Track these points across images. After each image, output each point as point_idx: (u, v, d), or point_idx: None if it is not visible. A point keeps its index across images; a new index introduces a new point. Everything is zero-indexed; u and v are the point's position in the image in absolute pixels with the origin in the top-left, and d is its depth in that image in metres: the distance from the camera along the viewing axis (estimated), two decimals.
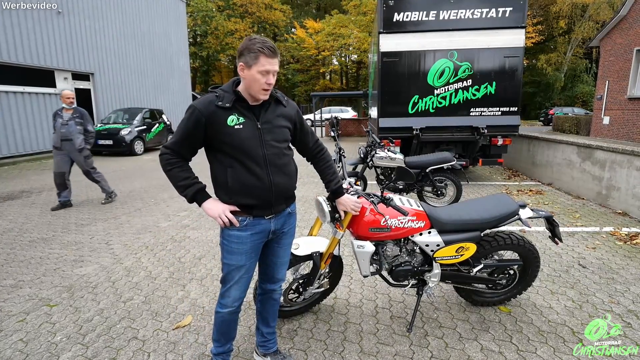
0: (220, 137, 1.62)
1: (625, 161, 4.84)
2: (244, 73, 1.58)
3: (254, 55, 1.54)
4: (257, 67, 1.55)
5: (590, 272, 3.28)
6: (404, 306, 2.80)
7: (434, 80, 6.30)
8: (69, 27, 12.26)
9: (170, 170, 1.69)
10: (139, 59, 15.86)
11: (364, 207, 2.22)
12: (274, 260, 1.95)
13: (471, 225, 2.34)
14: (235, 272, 1.78)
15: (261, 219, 1.76)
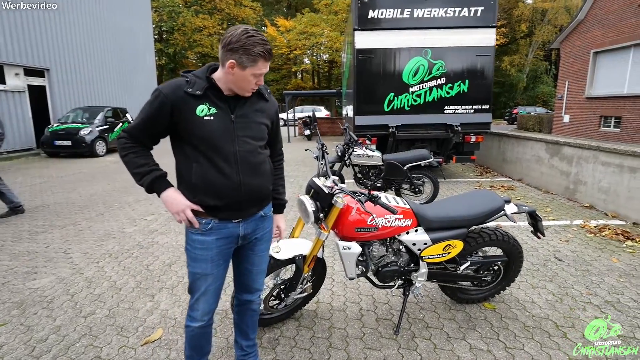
0: (187, 126, 1.47)
1: (591, 156, 5.03)
2: (234, 71, 1.42)
3: (253, 59, 1.40)
4: (253, 70, 1.42)
5: (566, 265, 3.34)
6: (389, 307, 2.71)
7: (409, 78, 6.31)
8: (21, 18, 11.35)
9: (126, 155, 1.52)
10: (101, 54, 14.99)
11: (350, 207, 2.10)
12: (248, 269, 1.77)
13: (458, 222, 2.28)
14: (202, 282, 1.60)
15: (228, 222, 1.58)
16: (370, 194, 1.90)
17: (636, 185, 4.33)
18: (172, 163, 1.59)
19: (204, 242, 1.56)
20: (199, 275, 1.59)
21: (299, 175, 7.66)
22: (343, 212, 2.09)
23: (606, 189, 4.77)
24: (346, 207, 2.09)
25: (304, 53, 31.38)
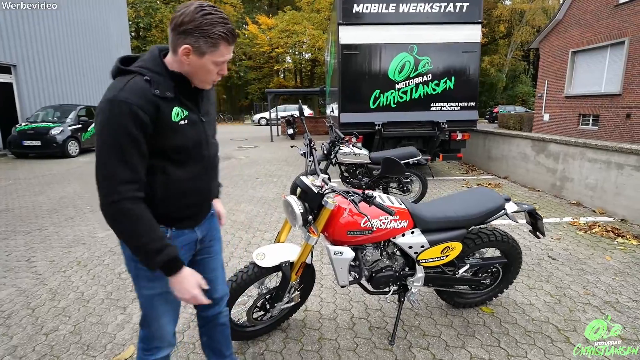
0: (161, 137, 1.18)
1: (577, 153, 5.02)
2: (189, 59, 1.16)
3: (213, 42, 1.15)
4: (214, 57, 1.18)
5: (560, 264, 3.25)
6: (382, 314, 2.54)
7: (394, 75, 6.18)
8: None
9: (140, 219, 1.13)
10: (73, 51, 14.29)
11: (342, 208, 1.91)
12: (209, 278, 1.53)
13: (457, 223, 2.12)
14: (163, 303, 1.35)
15: (185, 229, 1.37)
16: (365, 193, 1.72)
17: (623, 181, 4.32)
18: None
19: None
20: (160, 297, 1.33)
21: (282, 175, 7.44)
22: (334, 213, 1.90)
23: (593, 185, 4.76)
24: (337, 208, 1.91)
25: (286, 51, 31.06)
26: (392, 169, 1.63)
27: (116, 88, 1.10)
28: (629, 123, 10.78)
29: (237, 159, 9.85)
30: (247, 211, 4.95)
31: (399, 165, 1.56)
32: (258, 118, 25.31)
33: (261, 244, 3.80)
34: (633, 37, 10.46)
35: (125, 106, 1.07)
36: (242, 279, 1.91)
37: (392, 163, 1.57)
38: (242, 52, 32.29)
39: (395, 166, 1.58)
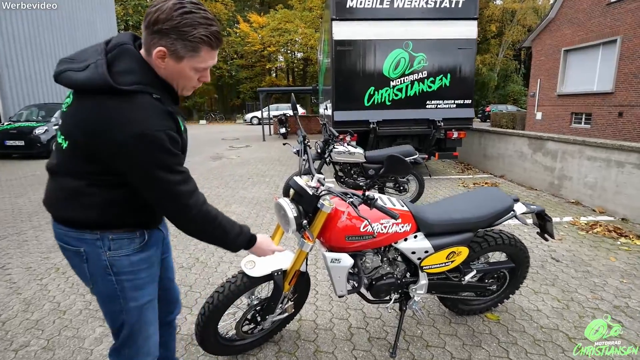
0: None
1: (576, 151, 4.93)
2: (164, 63, 1.05)
3: (193, 46, 1.03)
4: (194, 63, 1.07)
5: (565, 266, 3.13)
6: (382, 323, 2.37)
7: (389, 72, 6.04)
8: None
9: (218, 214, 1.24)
10: (57, 49, 13.88)
11: (339, 211, 1.74)
12: (170, 277, 1.53)
13: (463, 226, 1.97)
14: (151, 310, 1.30)
15: (154, 229, 1.30)
16: (365, 195, 1.55)
17: (624, 179, 4.23)
18: None
19: (148, 258, 1.25)
20: (150, 304, 1.27)
21: (275, 175, 7.25)
22: (331, 217, 1.73)
23: (592, 184, 4.67)
24: (335, 211, 1.74)
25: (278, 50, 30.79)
26: (396, 168, 1.45)
27: (138, 119, 1.00)
28: (621, 121, 10.81)
29: (229, 158, 9.63)
30: (238, 213, 4.75)
31: (404, 164, 1.39)
32: (250, 117, 25.02)
33: None
34: (625, 35, 10.48)
35: (160, 134, 1.02)
36: (230, 289, 1.73)
37: (396, 161, 1.39)
38: (233, 50, 31.93)
39: (399, 164, 1.41)
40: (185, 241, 3.78)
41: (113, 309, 1.22)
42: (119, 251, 1.16)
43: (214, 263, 3.26)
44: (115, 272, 1.16)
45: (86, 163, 1.05)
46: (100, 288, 1.19)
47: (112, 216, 1.14)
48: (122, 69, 1.02)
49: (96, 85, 0.98)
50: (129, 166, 1.03)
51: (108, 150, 1.00)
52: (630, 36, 10.34)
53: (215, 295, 1.73)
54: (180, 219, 1.15)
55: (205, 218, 1.18)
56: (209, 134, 17.89)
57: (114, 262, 1.16)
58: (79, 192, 1.09)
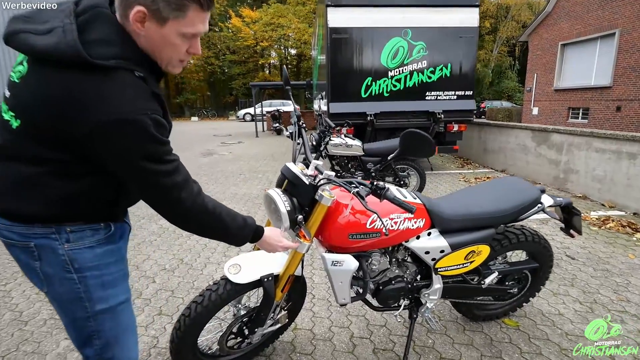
0: None
1: (583, 143, 4.71)
2: (144, 27, 0.86)
3: (178, 4, 0.85)
4: (180, 26, 0.88)
5: (582, 264, 2.89)
6: (388, 332, 2.10)
7: (387, 61, 5.75)
8: None
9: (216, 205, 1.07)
10: None
11: (341, 204, 1.46)
12: None
13: (484, 221, 1.70)
14: (128, 312, 1.11)
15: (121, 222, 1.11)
16: (374, 184, 1.27)
17: (636, 172, 4.01)
18: None
19: (117, 251, 1.07)
20: (125, 305, 1.08)
21: (268, 171, 6.95)
22: (331, 211, 1.45)
23: (601, 177, 4.44)
24: (336, 204, 1.45)
25: (271, 45, 30.34)
26: (415, 146, 1.12)
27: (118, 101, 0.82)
28: (619, 116, 10.68)
29: (220, 154, 9.29)
30: None
31: (424, 141, 1.07)
32: (243, 114, 24.58)
33: (242, 247, 3.31)
34: (624, 28, 10.33)
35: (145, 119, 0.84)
36: (211, 299, 1.43)
37: (417, 137, 1.06)
38: (225, 46, 31.38)
39: (420, 141, 1.08)
40: (169, 240, 3.47)
41: (76, 315, 1.00)
42: (80, 242, 0.96)
43: (199, 265, 2.96)
44: (77, 268, 0.96)
45: (47, 149, 0.86)
46: (58, 290, 0.98)
47: (73, 209, 0.95)
48: (97, 37, 0.82)
49: (65, 57, 0.78)
50: (107, 156, 0.87)
51: (81, 137, 0.82)
52: (629, 29, 10.19)
53: (192, 306, 1.43)
54: (172, 213, 0.99)
55: (201, 211, 1.01)
56: (200, 130, 17.48)
57: (74, 256, 0.95)
58: (31, 182, 0.89)
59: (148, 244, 3.40)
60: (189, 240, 3.48)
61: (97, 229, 0.99)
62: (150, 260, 3.06)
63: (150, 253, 3.20)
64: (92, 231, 0.98)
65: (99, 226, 1.00)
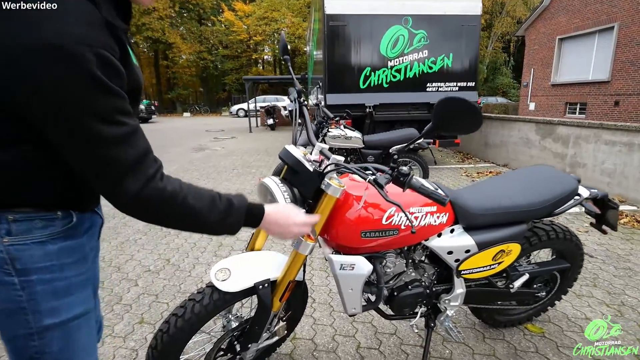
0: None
1: (591, 135, 4.52)
2: None
3: None
4: None
5: (601, 263, 2.69)
6: (399, 341, 1.87)
7: (387, 51, 5.51)
8: None
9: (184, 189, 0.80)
10: None
11: (350, 195, 1.21)
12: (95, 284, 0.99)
13: (516, 215, 1.46)
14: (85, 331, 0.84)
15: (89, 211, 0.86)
16: (397, 169, 1.02)
17: None
18: None
19: (78, 248, 0.81)
20: (81, 322, 0.82)
21: (262, 166, 6.67)
22: (340, 204, 1.20)
23: (611, 170, 4.26)
24: (345, 196, 1.21)
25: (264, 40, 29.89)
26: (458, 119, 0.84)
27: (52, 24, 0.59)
28: (617, 110, 10.57)
29: (212, 149, 8.99)
30: None
31: (471, 111, 0.82)
32: (236, 109, 24.18)
33: (234, 247, 3.06)
34: (622, 22, 10.20)
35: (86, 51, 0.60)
36: (194, 312, 1.18)
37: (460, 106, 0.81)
38: (218, 40, 30.84)
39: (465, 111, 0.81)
40: (155, 239, 3.20)
41: (16, 332, 0.75)
42: (26, 236, 0.73)
43: (187, 265, 2.70)
44: (21, 269, 0.72)
45: None
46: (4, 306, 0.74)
47: (13, 191, 0.71)
48: None
49: None
50: (32, 104, 0.62)
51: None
52: (628, 23, 10.06)
53: (172, 320, 1.18)
54: (117, 197, 0.71)
55: (160, 197, 0.74)
56: (192, 126, 17.10)
57: (17, 254, 0.72)
58: None
59: (132, 243, 3.12)
60: (177, 238, 3.21)
61: (51, 218, 0.76)
62: (133, 260, 2.79)
63: (134, 253, 2.92)
64: (43, 221, 0.75)
65: (54, 215, 0.76)
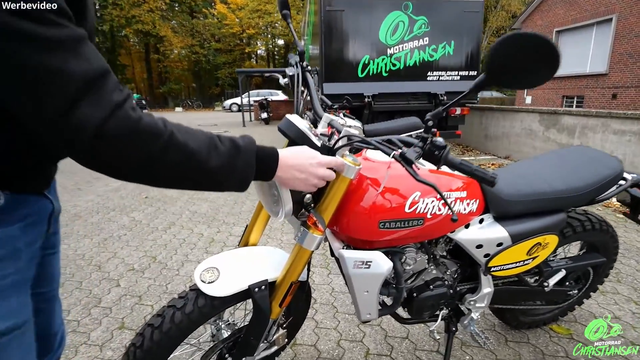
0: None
1: (599, 125, 4.35)
2: None
3: None
4: None
5: (621, 256, 2.51)
6: (412, 346, 1.66)
7: (386, 38, 5.28)
8: None
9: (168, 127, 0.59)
10: None
11: (365, 178, 0.99)
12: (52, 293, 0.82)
13: (554, 202, 1.26)
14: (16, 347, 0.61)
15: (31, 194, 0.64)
16: (432, 140, 0.81)
17: None
18: None
19: (6, 241, 0.60)
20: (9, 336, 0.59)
21: None
22: (353, 189, 0.98)
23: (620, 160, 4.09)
24: (360, 177, 0.99)
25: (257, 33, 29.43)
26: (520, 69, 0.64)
27: None
28: (615, 103, 10.48)
29: None
30: (211, 200, 3.94)
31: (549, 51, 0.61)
32: (229, 104, 23.78)
33: (227, 242, 2.83)
34: (621, 13, 10.08)
35: None
36: (175, 322, 0.95)
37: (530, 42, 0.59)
38: (210, 33, 30.30)
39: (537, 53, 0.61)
40: (141, 235, 2.96)
41: None
42: None
43: (175, 263, 2.47)
44: None
45: None
46: None
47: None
48: None
49: None
50: None
51: None
52: (626, 14, 9.94)
53: (147, 332, 0.95)
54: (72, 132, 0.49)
55: (135, 131, 0.54)
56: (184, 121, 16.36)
57: None
58: None
59: (116, 240, 2.88)
60: (165, 234, 2.98)
61: None
62: (116, 258, 2.55)
63: (117, 250, 2.68)
64: None
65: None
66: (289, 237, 2.91)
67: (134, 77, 33.52)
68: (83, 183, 4.74)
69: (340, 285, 2.17)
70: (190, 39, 29.70)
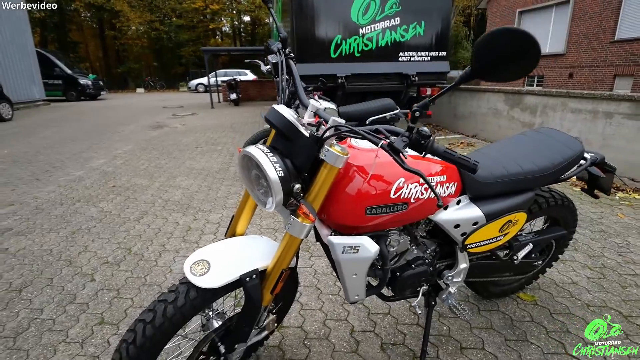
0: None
1: (558, 104, 4.60)
2: None
3: None
4: None
5: (577, 227, 2.73)
6: (394, 321, 1.76)
7: (358, 17, 5.22)
8: None
9: None
10: None
11: (351, 166, 1.01)
12: None
13: (524, 182, 1.34)
14: None
15: None
16: (419, 129, 0.83)
17: (612, 131, 3.95)
18: None
19: None
20: None
21: (228, 143, 6.29)
22: (341, 177, 1.00)
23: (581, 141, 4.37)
24: (348, 166, 1.01)
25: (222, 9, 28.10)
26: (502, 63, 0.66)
27: None
28: (571, 82, 11.06)
29: (171, 127, 8.37)
30: (185, 186, 3.84)
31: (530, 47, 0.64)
32: (195, 84, 22.83)
33: (204, 230, 2.79)
34: None
35: None
36: (167, 316, 0.95)
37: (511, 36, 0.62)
38: (170, 8, 28.55)
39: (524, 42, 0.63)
40: (113, 226, 2.85)
41: None
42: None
43: (152, 254, 2.42)
44: None
45: None
46: None
47: None
48: None
49: None
50: None
51: None
52: None
53: (139, 327, 0.95)
54: None
55: None
56: (147, 102, 15.90)
57: None
58: None
59: (85, 232, 2.76)
60: (138, 224, 2.89)
61: None
62: (87, 252, 2.46)
63: (88, 243, 2.58)
64: None
65: None
66: (269, 222, 2.92)
67: (88, 55, 31.24)
68: (41, 173, 4.46)
69: (322, 267, 2.22)
70: (148, 14, 27.90)
